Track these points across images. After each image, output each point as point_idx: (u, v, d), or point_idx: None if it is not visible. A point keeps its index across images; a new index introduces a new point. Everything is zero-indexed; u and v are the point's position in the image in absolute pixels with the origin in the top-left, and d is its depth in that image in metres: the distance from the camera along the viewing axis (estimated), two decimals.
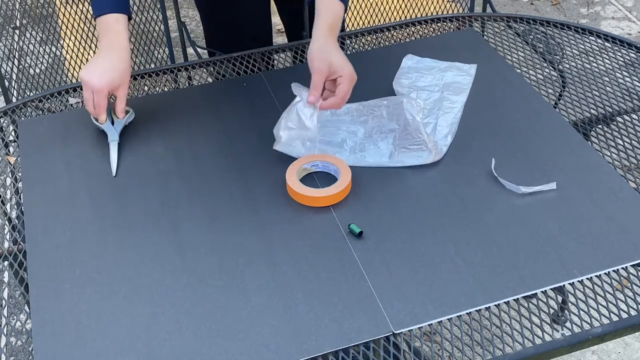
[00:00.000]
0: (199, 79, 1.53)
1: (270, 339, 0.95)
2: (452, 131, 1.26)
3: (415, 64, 1.44)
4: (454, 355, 0.94)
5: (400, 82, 1.39)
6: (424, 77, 1.40)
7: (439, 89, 1.37)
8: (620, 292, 1.00)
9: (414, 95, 1.35)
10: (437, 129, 1.26)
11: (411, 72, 1.42)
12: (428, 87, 1.37)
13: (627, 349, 1.86)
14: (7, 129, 1.44)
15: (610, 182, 1.16)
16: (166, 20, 1.92)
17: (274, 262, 1.05)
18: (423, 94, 1.35)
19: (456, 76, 1.40)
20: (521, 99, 1.35)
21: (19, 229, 1.16)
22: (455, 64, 1.43)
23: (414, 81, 1.39)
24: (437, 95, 1.35)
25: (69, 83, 1.86)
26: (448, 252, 1.05)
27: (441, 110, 1.31)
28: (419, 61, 1.45)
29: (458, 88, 1.37)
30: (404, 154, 1.20)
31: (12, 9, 1.99)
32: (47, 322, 0.98)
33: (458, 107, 1.31)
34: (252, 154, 1.25)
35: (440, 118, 1.29)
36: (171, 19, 1.98)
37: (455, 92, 1.36)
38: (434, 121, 1.28)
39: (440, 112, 1.30)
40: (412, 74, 1.41)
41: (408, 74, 1.41)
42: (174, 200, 1.16)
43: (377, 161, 1.20)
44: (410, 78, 1.40)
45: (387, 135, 1.23)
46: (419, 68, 1.43)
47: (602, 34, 1.55)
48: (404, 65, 1.44)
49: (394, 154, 1.21)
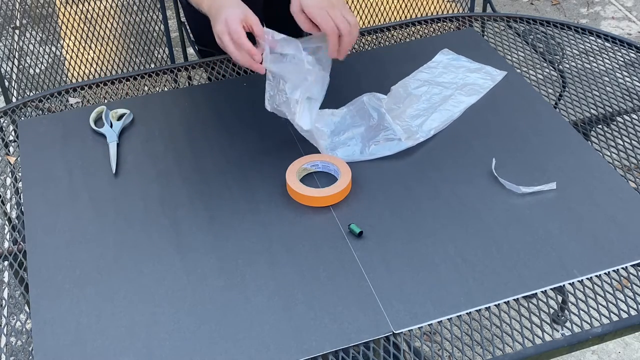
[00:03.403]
0: (199, 79, 1.53)
1: (270, 339, 0.95)
2: (439, 127, 1.27)
3: (450, 60, 1.44)
4: (454, 355, 0.94)
5: (417, 76, 1.39)
6: (448, 73, 1.40)
7: (455, 87, 1.37)
8: (620, 292, 1.00)
9: (424, 89, 1.35)
10: (426, 122, 1.27)
11: (439, 67, 1.42)
12: (445, 83, 1.38)
13: (627, 349, 1.86)
14: (7, 129, 1.44)
15: (610, 182, 1.16)
16: (166, 20, 1.92)
17: (274, 262, 1.05)
18: (435, 89, 1.35)
19: (479, 79, 1.39)
20: (521, 99, 1.35)
21: (19, 229, 1.16)
22: (487, 67, 1.42)
23: (434, 76, 1.39)
24: (449, 92, 1.35)
25: (69, 83, 1.86)
26: (448, 252, 1.05)
27: (442, 107, 1.31)
28: (453, 58, 1.45)
29: (473, 90, 1.36)
30: (375, 147, 1.22)
31: (12, 9, 1.99)
32: (47, 322, 0.98)
33: (460, 108, 1.31)
34: (252, 154, 1.25)
35: (436, 113, 1.29)
36: (171, 19, 1.98)
37: (468, 93, 1.35)
38: (426, 115, 1.29)
39: (440, 108, 1.30)
40: (438, 69, 1.41)
41: (433, 69, 1.42)
42: (174, 200, 1.16)
43: (349, 157, 1.22)
44: (432, 73, 1.40)
45: (355, 135, 1.24)
46: (449, 64, 1.43)
47: (602, 34, 1.55)
48: (436, 59, 1.45)
49: (364, 149, 1.22)
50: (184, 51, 1.97)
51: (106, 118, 1.33)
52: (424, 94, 1.35)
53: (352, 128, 1.27)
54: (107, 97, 1.49)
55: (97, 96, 1.53)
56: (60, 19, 2.06)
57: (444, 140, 1.26)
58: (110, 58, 2.06)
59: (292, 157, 1.22)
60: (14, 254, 1.12)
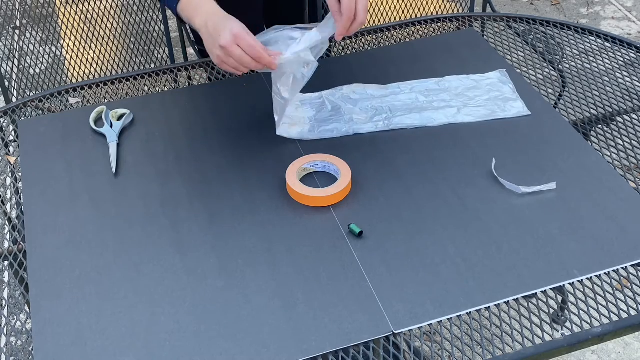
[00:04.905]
0: (199, 79, 1.53)
1: (270, 339, 0.95)
2: (408, 124, 1.29)
3: (494, 80, 1.39)
4: (454, 355, 0.94)
5: (467, 77, 1.39)
6: (473, 90, 1.37)
7: (486, 100, 1.33)
8: (620, 292, 1.00)
9: (459, 83, 1.38)
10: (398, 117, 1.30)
11: (485, 83, 1.39)
12: (478, 97, 1.34)
13: (627, 349, 1.86)
14: (7, 129, 1.44)
15: (610, 182, 1.16)
16: (166, 20, 1.92)
17: (274, 262, 1.05)
18: (474, 91, 1.36)
19: (495, 106, 1.33)
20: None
21: (19, 229, 1.16)
22: (516, 103, 1.33)
23: (476, 84, 1.38)
24: (482, 97, 1.33)
25: (69, 83, 1.86)
26: (448, 252, 1.05)
27: (427, 112, 1.31)
28: (500, 81, 1.39)
29: (475, 110, 1.32)
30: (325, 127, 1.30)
31: (12, 9, 1.99)
32: (47, 322, 0.98)
33: (463, 117, 1.30)
34: (252, 154, 1.25)
35: (433, 111, 1.30)
36: (171, 19, 1.98)
37: (467, 113, 1.32)
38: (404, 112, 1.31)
39: (424, 112, 1.31)
40: (484, 85, 1.38)
41: (462, 80, 1.39)
42: (174, 200, 1.16)
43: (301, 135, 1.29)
44: (476, 84, 1.38)
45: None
46: (487, 85, 1.39)
47: (602, 34, 1.55)
48: (493, 76, 1.40)
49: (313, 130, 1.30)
50: (184, 51, 1.97)
51: (106, 118, 1.33)
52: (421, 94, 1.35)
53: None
54: (107, 97, 1.49)
55: (97, 96, 1.53)
56: (60, 19, 2.06)
57: (444, 140, 1.26)
58: (110, 58, 2.06)
59: (292, 157, 1.22)
60: (14, 254, 1.12)
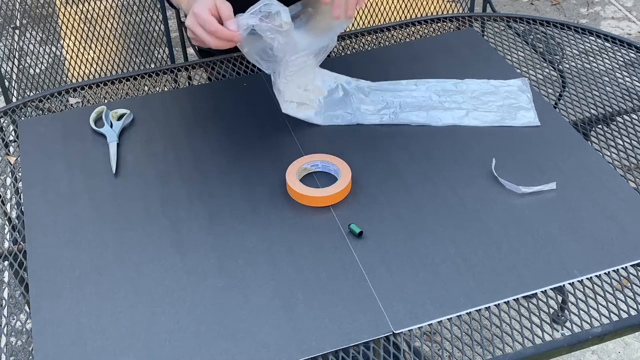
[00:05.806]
0: (199, 79, 1.53)
1: (270, 339, 0.95)
2: (413, 120, 1.30)
3: (512, 88, 1.37)
4: (454, 355, 0.94)
5: (487, 81, 1.38)
6: (488, 95, 1.35)
7: (499, 106, 1.32)
8: (620, 292, 1.00)
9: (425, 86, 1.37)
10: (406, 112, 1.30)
11: (503, 92, 1.36)
12: (492, 102, 1.33)
13: (627, 349, 1.86)
14: (7, 129, 1.44)
15: (610, 182, 1.16)
16: (166, 20, 1.92)
17: (274, 262, 1.05)
18: (489, 97, 1.34)
19: (515, 119, 1.30)
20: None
21: (19, 229, 1.16)
22: (528, 113, 1.31)
23: (468, 89, 1.37)
24: (495, 103, 1.32)
25: (69, 83, 1.86)
26: (448, 252, 1.05)
27: (435, 110, 1.31)
28: (518, 89, 1.37)
29: (483, 114, 1.31)
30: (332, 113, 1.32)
31: (12, 9, 2.00)
32: (47, 322, 0.98)
33: (470, 120, 1.29)
34: (252, 154, 1.25)
35: (442, 111, 1.30)
36: (171, 19, 1.98)
37: (475, 116, 1.31)
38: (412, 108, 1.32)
39: (432, 110, 1.31)
40: (502, 91, 1.36)
41: (502, 87, 1.37)
42: (174, 200, 1.16)
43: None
44: (475, 87, 1.37)
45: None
46: (504, 92, 1.37)
47: (602, 34, 1.55)
48: (513, 83, 1.38)
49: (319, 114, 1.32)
50: (184, 51, 1.97)
51: (106, 118, 1.33)
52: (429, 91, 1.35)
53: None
54: (107, 97, 1.49)
55: (97, 96, 1.53)
56: (60, 19, 2.06)
57: (444, 140, 1.26)
58: (110, 58, 2.06)
59: (292, 157, 1.22)
60: (14, 254, 1.12)
